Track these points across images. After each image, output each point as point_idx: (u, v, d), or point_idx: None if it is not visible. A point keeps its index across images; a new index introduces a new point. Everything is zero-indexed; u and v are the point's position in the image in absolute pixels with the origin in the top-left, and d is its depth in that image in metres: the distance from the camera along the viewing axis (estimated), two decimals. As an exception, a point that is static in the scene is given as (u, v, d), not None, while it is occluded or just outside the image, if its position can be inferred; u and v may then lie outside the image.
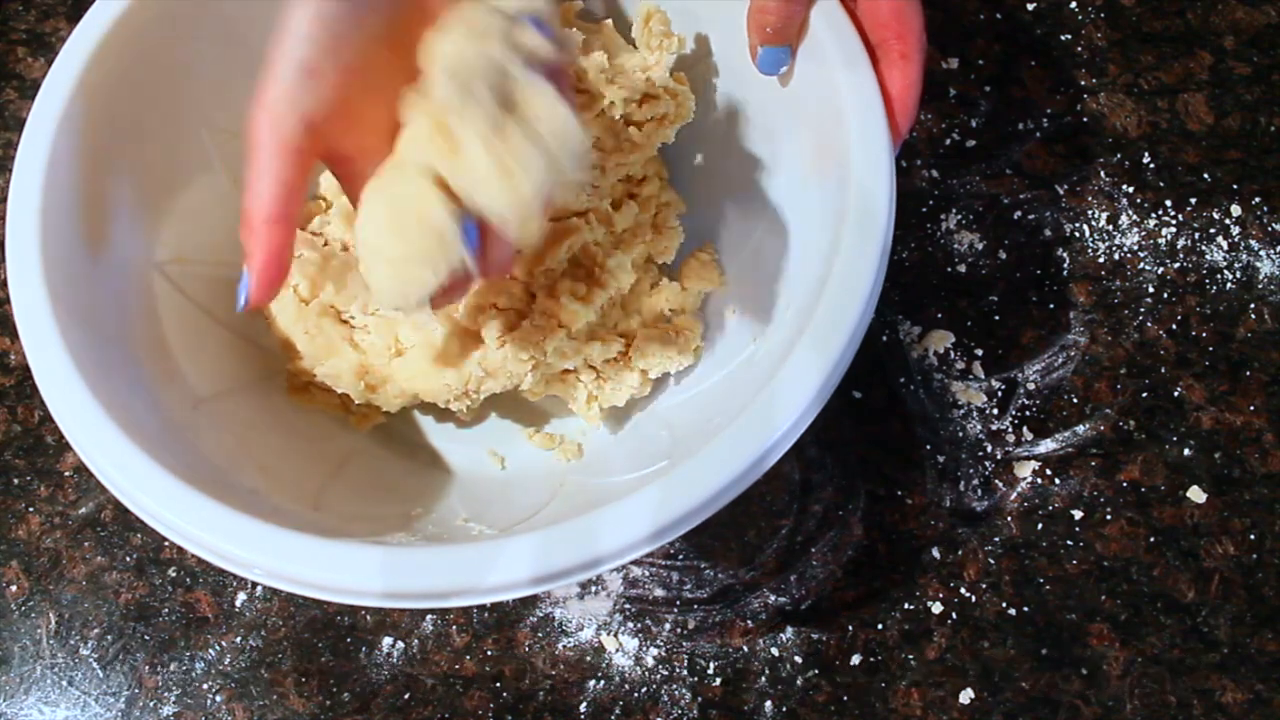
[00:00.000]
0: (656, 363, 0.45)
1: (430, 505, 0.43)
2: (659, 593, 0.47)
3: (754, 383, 0.36)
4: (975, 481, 0.49)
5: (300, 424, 0.45)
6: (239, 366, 0.44)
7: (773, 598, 0.47)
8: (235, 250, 0.46)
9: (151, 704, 0.46)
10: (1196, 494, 0.48)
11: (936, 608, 0.47)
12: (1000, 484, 0.49)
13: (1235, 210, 0.53)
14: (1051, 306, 0.52)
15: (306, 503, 0.39)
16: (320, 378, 0.43)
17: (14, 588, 0.48)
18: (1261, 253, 0.52)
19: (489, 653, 0.46)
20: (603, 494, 0.39)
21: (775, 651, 0.46)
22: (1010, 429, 0.49)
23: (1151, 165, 0.54)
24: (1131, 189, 0.54)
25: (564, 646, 0.46)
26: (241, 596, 0.47)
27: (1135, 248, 0.53)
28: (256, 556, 0.32)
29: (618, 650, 0.46)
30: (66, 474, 0.49)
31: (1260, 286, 0.52)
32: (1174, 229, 0.53)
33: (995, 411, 0.50)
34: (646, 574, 0.47)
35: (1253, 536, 0.48)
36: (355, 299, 0.44)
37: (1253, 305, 0.51)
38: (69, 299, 0.36)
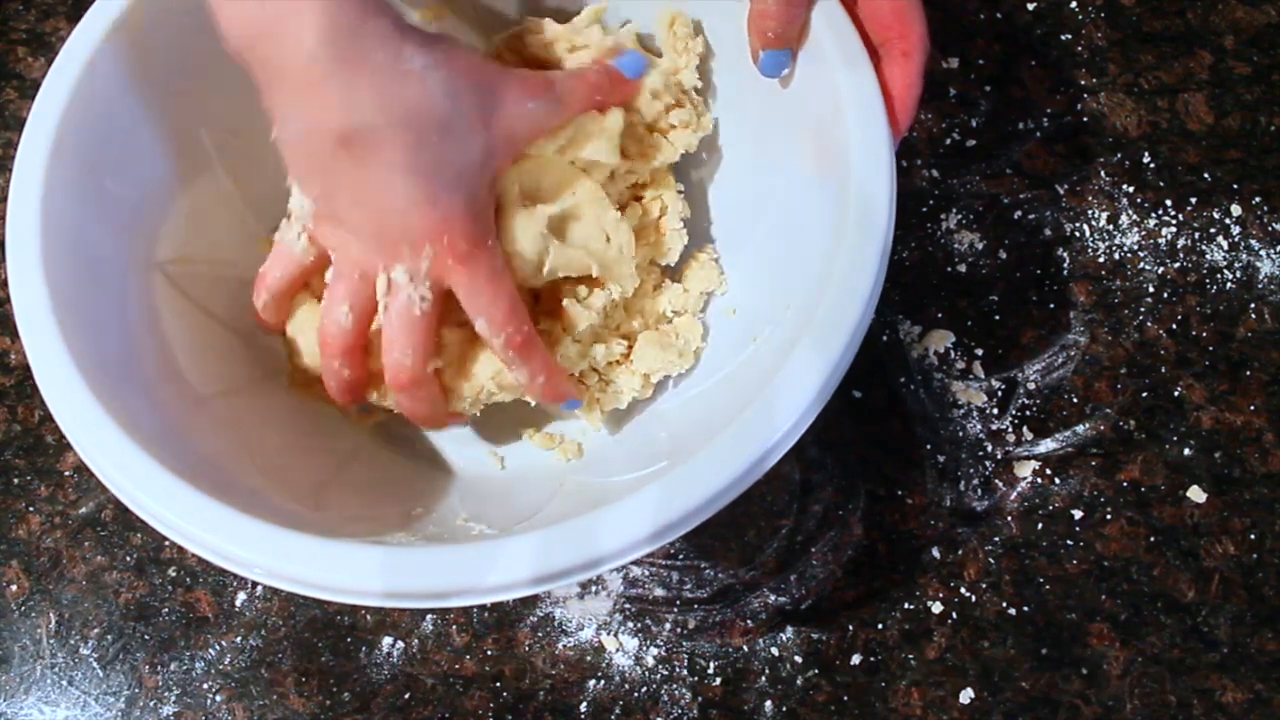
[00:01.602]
0: (657, 366, 0.45)
1: (430, 505, 0.43)
2: (659, 593, 0.47)
3: (753, 384, 0.36)
4: (975, 481, 0.49)
5: (301, 424, 0.45)
6: (240, 366, 0.44)
7: (773, 598, 0.47)
8: (236, 249, 0.46)
9: (151, 704, 0.46)
10: (1196, 494, 0.48)
11: (936, 608, 0.47)
12: (1000, 484, 0.49)
13: (1235, 210, 0.53)
14: (1051, 306, 0.52)
15: (307, 502, 0.39)
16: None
17: (14, 588, 0.48)
18: (1261, 253, 0.52)
19: (489, 652, 0.46)
20: (603, 494, 0.39)
21: (775, 651, 0.46)
22: (1010, 429, 0.49)
23: (1151, 165, 0.54)
24: (1131, 189, 0.54)
25: (564, 646, 0.46)
26: (241, 596, 0.47)
27: (1135, 247, 0.53)
28: (257, 556, 0.32)
29: (618, 650, 0.46)
30: (66, 474, 0.49)
31: (1260, 286, 0.52)
32: (1174, 229, 0.53)
33: (995, 411, 0.50)
34: (646, 574, 0.47)
35: (1253, 536, 0.48)
36: None
37: (1253, 305, 0.51)
38: (70, 298, 0.36)
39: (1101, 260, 0.52)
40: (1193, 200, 0.53)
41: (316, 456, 0.43)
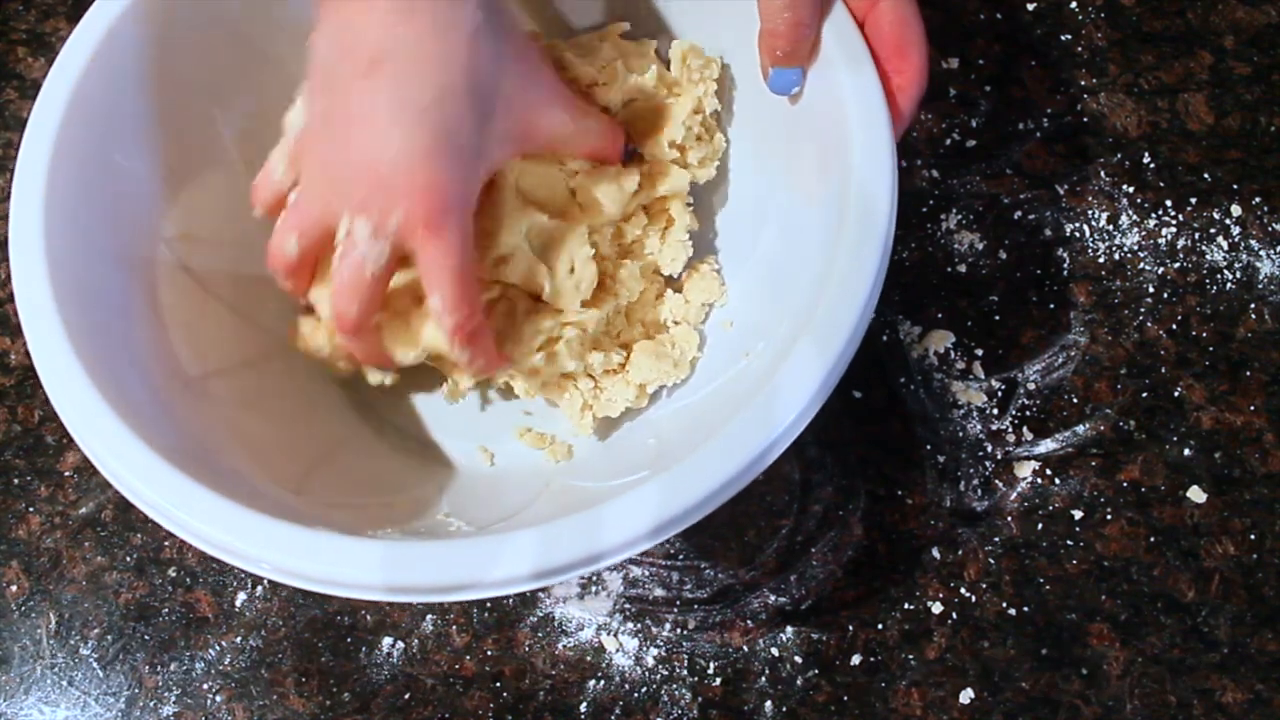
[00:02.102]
0: (652, 376, 0.45)
1: (413, 497, 0.43)
2: (659, 593, 0.47)
3: (741, 398, 0.35)
4: (975, 481, 0.49)
5: (291, 407, 0.44)
6: (235, 346, 0.44)
7: (773, 598, 0.47)
8: (244, 232, 0.46)
9: (151, 704, 0.46)
10: (1196, 494, 0.48)
11: (936, 608, 0.47)
12: (1000, 484, 0.49)
13: (1235, 210, 0.53)
14: (1051, 306, 0.52)
15: (289, 486, 0.38)
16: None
17: (14, 588, 0.48)
18: (1261, 253, 0.52)
19: (489, 653, 0.46)
20: (586, 498, 0.39)
21: (775, 651, 0.46)
22: (1010, 429, 0.49)
23: (1151, 165, 0.54)
24: (1131, 189, 0.54)
25: (564, 646, 0.46)
26: (241, 596, 0.47)
27: (1135, 248, 0.53)
28: (262, 551, 0.32)
29: (618, 650, 0.46)
30: (66, 474, 0.49)
31: (1260, 286, 0.52)
32: (1174, 229, 0.53)
33: (995, 411, 0.50)
34: (646, 574, 0.47)
35: (1253, 536, 0.48)
36: None
37: (1253, 305, 0.51)
38: (71, 279, 0.36)
39: (1101, 260, 0.52)
40: (1193, 200, 0.53)
41: (306, 440, 0.43)
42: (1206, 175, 0.54)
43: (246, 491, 0.34)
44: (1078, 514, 0.48)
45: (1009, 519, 0.48)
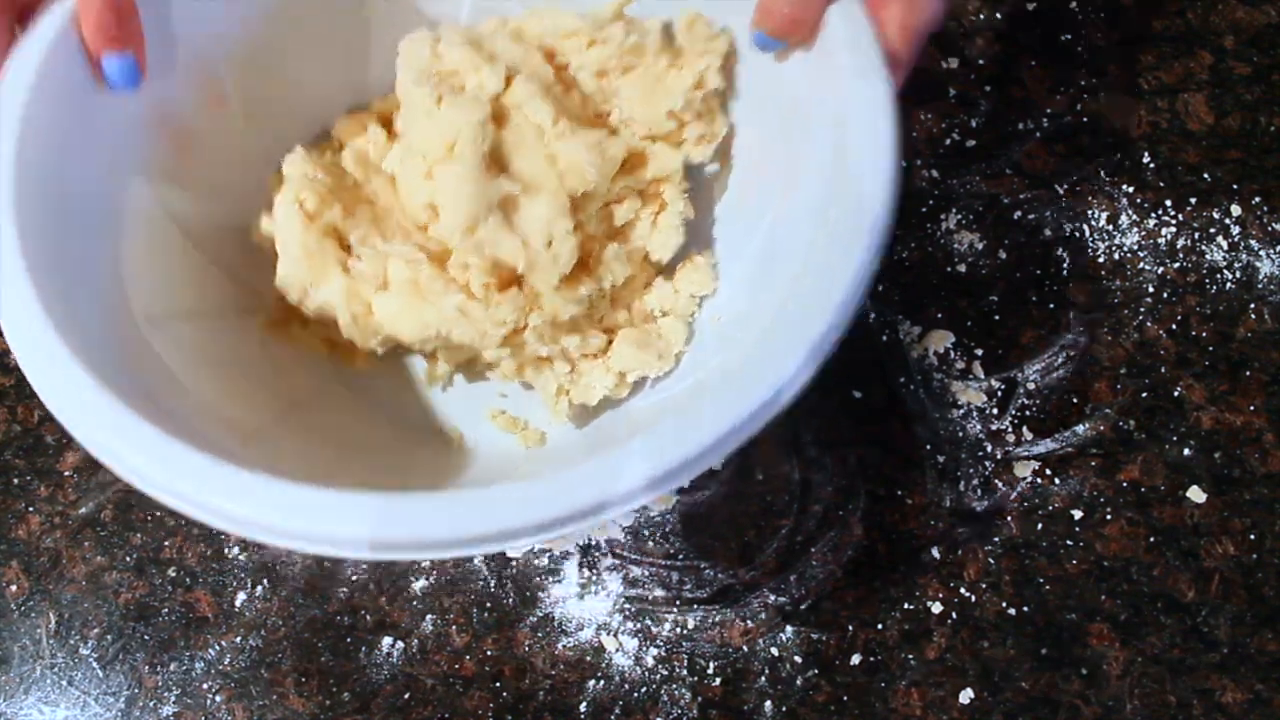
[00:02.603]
0: (634, 365, 0.43)
1: (372, 464, 0.41)
2: (659, 593, 0.47)
3: (719, 389, 0.35)
4: (975, 481, 0.49)
5: (256, 360, 0.43)
6: (202, 292, 0.43)
7: (773, 598, 0.47)
8: (229, 177, 0.44)
9: (151, 704, 0.46)
10: (1196, 494, 0.48)
11: (936, 608, 0.47)
12: (1000, 484, 0.49)
13: (1235, 210, 0.53)
14: (1051, 306, 0.52)
15: (235, 437, 0.37)
16: (317, 305, 0.41)
17: (14, 588, 0.48)
18: (1261, 253, 0.52)
19: (489, 653, 0.46)
20: None
21: (775, 651, 0.46)
22: (1010, 429, 0.49)
23: (1151, 165, 0.54)
24: (1131, 189, 0.54)
25: (564, 646, 0.46)
26: (241, 596, 0.47)
27: (1135, 248, 0.53)
28: (252, 511, 0.31)
29: (618, 650, 0.46)
30: (66, 474, 0.49)
31: (1260, 286, 0.52)
32: (1174, 229, 0.53)
33: (995, 411, 0.50)
34: (646, 574, 0.47)
35: (1253, 536, 0.48)
36: (359, 227, 0.42)
37: (1253, 305, 0.52)
38: (39, 211, 0.35)
39: (1101, 260, 0.53)
40: (1193, 200, 0.53)
41: (266, 395, 0.41)
42: (1206, 175, 0.54)
43: (188, 433, 0.32)
44: (1078, 514, 0.48)
45: (1009, 519, 0.48)
